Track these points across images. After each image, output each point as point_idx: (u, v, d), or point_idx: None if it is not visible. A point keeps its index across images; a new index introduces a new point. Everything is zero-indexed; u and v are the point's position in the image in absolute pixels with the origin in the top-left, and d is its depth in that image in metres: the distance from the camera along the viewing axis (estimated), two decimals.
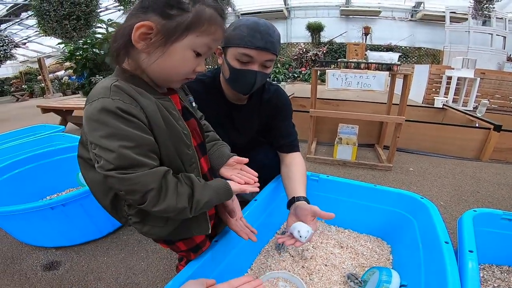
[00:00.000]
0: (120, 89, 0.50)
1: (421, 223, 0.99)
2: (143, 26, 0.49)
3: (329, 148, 2.62)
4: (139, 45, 0.50)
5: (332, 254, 1.09)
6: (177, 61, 0.53)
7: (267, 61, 0.93)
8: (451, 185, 1.89)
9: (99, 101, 0.48)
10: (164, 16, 0.50)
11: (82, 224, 1.25)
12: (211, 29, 0.54)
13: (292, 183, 1.04)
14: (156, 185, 0.52)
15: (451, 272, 0.69)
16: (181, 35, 0.51)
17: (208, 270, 0.79)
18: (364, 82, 1.88)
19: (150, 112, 0.53)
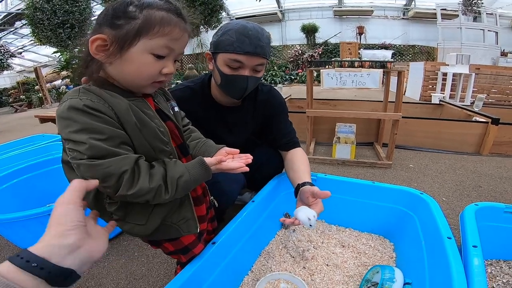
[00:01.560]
0: (88, 91, 0.53)
1: (422, 219, 0.98)
2: (97, 39, 0.52)
3: (328, 148, 2.60)
4: (98, 56, 0.53)
5: (334, 253, 1.07)
6: (138, 66, 0.55)
7: (257, 65, 0.93)
8: (453, 181, 1.88)
9: (68, 101, 0.51)
10: (114, 27, 0.52)
11: None
12: (164, 30, 0.54)
13: (296, 173, 1.03)
14: (129, 167, 0.52)
15: (456, 268, 0.67)
16: (133, 41, 0.53)
17: (206, 272, 0.78)
18: (359, 81, 1.88)
19: (120, 109, 0.54)
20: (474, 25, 7.16)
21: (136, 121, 0.56)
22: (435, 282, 0.74)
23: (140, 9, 0.53)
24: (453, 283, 0.64)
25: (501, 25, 7.20)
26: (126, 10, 0.53)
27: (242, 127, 1.13)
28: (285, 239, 1.16)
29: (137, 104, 0.59)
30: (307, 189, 0.93)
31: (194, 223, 0.70)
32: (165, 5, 0.55)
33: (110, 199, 0.61)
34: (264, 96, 1.12)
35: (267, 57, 0.95)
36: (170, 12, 0.55)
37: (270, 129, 1.15)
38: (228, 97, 1.02)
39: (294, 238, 1.13)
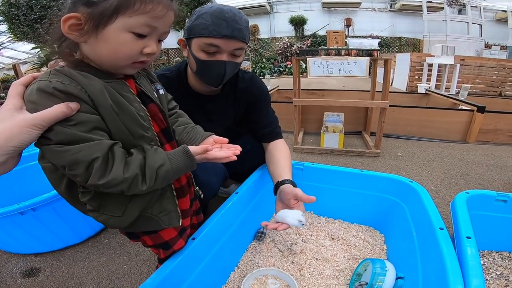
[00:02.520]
0: (60, 72, 0.48)
1: (413, 209, 0.95)
2: (70, 18, 0.47)
3: (316, 138, 2.59)
4: (71, 36, 0.48)
5: (323, 246, 1.04)
6: (115, 45, 0.50)
7: (236, 50, 0.87)
8: (441, 169, 1.89)
9: (36, 83, 0.46)
10: (89, 5, 0.47)
11: (58, 230, 1.18)
12: (146, 8, 0.49)
13: (277, 168, 1.00)
14: (101, 154, 0.48)
15: (450, 261, 0.63)
16: (110, 19, 0.48)
17: (187, 269, 0.73)
18: (346, 69, 1.86)
19: (93, 91, 0.49)
20: (459, 17, 7.29)
21: (112, 104, 0.51)
22: (429, 276, 0.71)
23: None
24: (448, 278, 0.60)
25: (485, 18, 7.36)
26: None
27: (222, 115, 1.08)
28: (273, 233, 1.12)
29: (115, 86, 0.54)
30: (288, 190, 0.89)
31: (176, 215, 0.65)
32: None
33: (83, 188, 0.55)
34: (245, 84, 1.07)
35: (246, 41, 0.89)
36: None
37: (251, 118, 1.11)
38: (206, 85, 0.97)
39: (282, 231, 1.09)
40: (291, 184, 0.92)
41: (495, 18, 9.02)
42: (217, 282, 0.89)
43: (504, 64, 4.87)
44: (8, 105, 0.45)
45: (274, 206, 0.94)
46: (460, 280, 0.58)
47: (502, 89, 4.84)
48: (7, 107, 0.45)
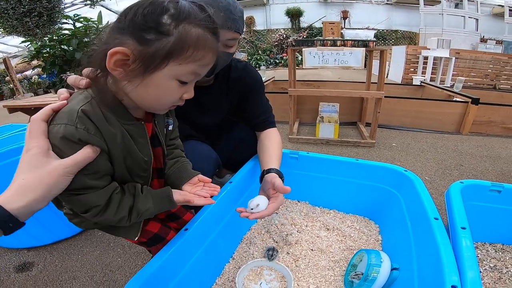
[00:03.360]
0: (86, 116, 0.46)
1: (407, 199, 0.94)
2: (118, 53, 0.43)
3: (311, 128, 2.60)
4: (116, 72, 0.45)
5: (319, 237, 1.03)
6: (159, 91, 0.49)
7: (229, 40, 0.85)
8: (435, 159, 1.90)
9: (63, 128, 0.45)
10: (141, 41, 0.44)
11: (50, 223, 1.16)
12: (197, 55, 0.47)
13: (265, 156, 0.98)
14: (103, 202, 0.52)
15: (445, 252, 0.62)
16: (160, 64, 0.45)
17: (180, 261, 0.72)
18: (341, 59, 1.85)
19: (113, 143, 0.50)
20: (456, 11, 7.28)
21: (125, 154, 0.54)
22: (424, 267, 0.70)
23: (176, 22, 0.44)
24: (443, 269, 0.58)
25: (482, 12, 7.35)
26: (159, 21, 0.44)
27: (216, 107, 1.06)
28: (268, 223, 1.11)
29: (133, 129, 0.55)
30: (269, 179, 0.87)
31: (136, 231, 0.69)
32: (203, 19, 0.47)
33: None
34: (238, 73, 1.04)
35: (240, 32, 0.86)
36: (208, 30, 0.48)
37: (245, 108, 1.08)
38: None
39: (277, 222, 1.09)
40: (277, 173, 0.89)
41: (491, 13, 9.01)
42: (211, 273, 0.89)
43: (499, 58, 4.91)
44: (34, 148, 0.44)
45: None
46: (456, 272, 0.57)
47: (496, 83, 4.88)
48: (34, 150, 0.44)
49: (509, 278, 0.89)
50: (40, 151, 0.44)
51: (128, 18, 0.44)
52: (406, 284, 0.73)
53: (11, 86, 7.13)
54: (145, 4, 0.44)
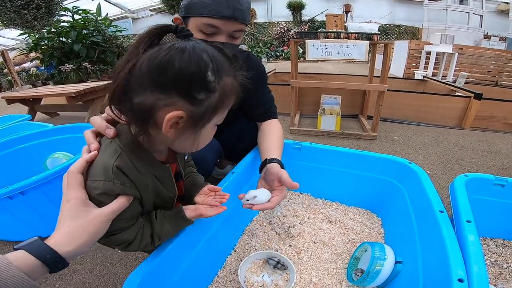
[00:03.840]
0: (121, 171, 0.50)
1: (412, 191, 0.93)
2: (173, 118, 0.44)
3: (313, 120, 2.59)
4: (169, 133, 0.47)
5: (321, 229, 1.03)
6: (203, 139, 0.53)
7: (235, 32, 0.83)
8: (436, 153, 1.89)
9: (102, 184, 0.49)
10: (192, 102, 0.45)
11: (49, 215, 1.13)
12: (229, 102, 0.51)
13: (266, 146, 0.96)
14: (132, 238, 0.56)
15: (451, 246, 0.61)
16: (209, 119, 0.48)
17: (181, 253, 0.71)
18: (345, 52, 1.82)
19: (145, 191, 0.55)
20: (460, 7, 7.22)
21: (155, 196, 0.59)
22: (429, 260, 0.69)
23: (218, 77, 0.46)
24: (449, 263, 0.57)
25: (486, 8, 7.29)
26: (205, 80, 0.44)
27: None
28: (270, 215, 1.11)
29: (161, 174, 0.59)
30: (274, 170, 0.85)
31: None
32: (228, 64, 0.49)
33: None
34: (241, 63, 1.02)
35: (247, 23, 0.84)
36: (233, 75, 0.50)
37: (246, 98, 1.06)
38: None
39: (279, 213, 1.08)
40: (279, 164, 0.88)
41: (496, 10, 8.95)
42: (213, 266, 0.88)
43: (502, 55, 4.89)
44: (72, 199, 0.48)
45: None
46: (462, 265, 0.57)
47: (499, 79, 4.86)
48: (74, 201, 0.48)
49: (509, 273, 0.89)
50: (79, 201, 0.48)
51: (171, 76, 0.43)
52: (411, 278, 0.72)
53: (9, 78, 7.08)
54: (185, 56, 0.43)
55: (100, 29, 5.98)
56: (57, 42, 5.61)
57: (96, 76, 5.76)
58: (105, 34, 6.07)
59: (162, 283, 0.65)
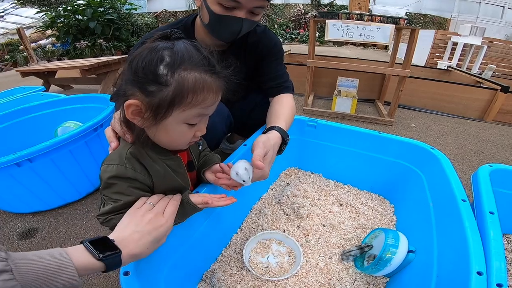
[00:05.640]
0: (134, 157, 0.55)
1: (431, 178, 0.87)
2: (131, 105, 0.49)
3: (326, 102, 2.54)
4: (135, 121, 0.51)
5: (331, 212, 0.99)
6: (172, 135, 0.54)
7: (256, 8, 0.77)
8: (454, 144, 1.82)
9: (115, 168, 0.54)
10: (146, 94, 0.48)
11: (57, 185, 1.13)
12: (198, 99, 0.49)
13: (271, 117, 0.90)
14: None
15: (472, 237, 0.57)
16: (166, 113, 0.49)
17: (186, 232, 0.69)
18: (367, 34, 1.73)
19: (157, 176, 0.58)
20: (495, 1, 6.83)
21: (169, 184, 0.61)
22: (445, 251, 0.64)
23: (171, 71, 0.46)
24: (470, 256, 0.53)
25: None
26: (156, 73, 0.46)
27: None
28: (279, 194, 1.07)
29: (173, 164, 0.61)
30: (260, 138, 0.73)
31: None
32: (198, 60, 0.49)
33: None
34: (256, 38, 0.97)
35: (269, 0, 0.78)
36: (204, 71, 0.49)
37: (260, 71, 1.01)
38: (215, 39, 0.87)
39: (289, 193, 1.04)
40: (280, 132, 0.79)
41: None
42: (218, 244, 0.86)
43: None
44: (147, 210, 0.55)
45: (283, 163, 0.87)
46: (482, 258, 0.53)
47: None
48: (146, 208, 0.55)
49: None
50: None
51: (130, 69, 0.48)
52: (423, 267, 0.68)
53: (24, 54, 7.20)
54: (144, 54, 0.47)
55: (116, 6, 5.96)
56: (73, 19, 5.66)
57: (110, 52, 5.80)
58: (120, 12, 6.06)
59: (165, 259, 0.64)
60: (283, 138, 0.80)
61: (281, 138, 0.79)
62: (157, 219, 0.53)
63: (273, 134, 0.78)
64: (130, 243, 0.48)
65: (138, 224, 0.51)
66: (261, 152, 0.67)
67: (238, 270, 0.80)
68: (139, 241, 0.49)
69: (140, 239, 0.49)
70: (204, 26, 0.85)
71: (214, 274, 0.77)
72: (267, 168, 0.69)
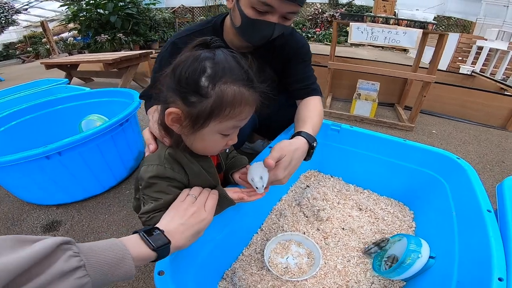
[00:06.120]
0: (172, 158, 0.59)
1: (456, 188, 0.87)
2: (172, 113, 0.51)
3: (344, 104, 2.52)
4: (174, 127, 0.54)
5: (350, 216, 0.99)
6: (206, 144, 0.56)
7: (289, 13, 0.77)
8: (476, 152, 1.77)
9: (155, 168, 0.58)
10: (187, 103, 0.50)
11: (82, 177, 1.17)
12: (234, 113, 0.51)
13: (299, 123, 0.88)
14: None
15: (496, 248, 0.57)
16: (204, 123, 0.51)
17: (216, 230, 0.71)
18: (393, 38, 1.70)
19: (193, 174, 0.62)
20: None
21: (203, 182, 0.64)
22: (467, 260, 0.65)
23: (213, 83, 0.48)
24: (492, 266, 0.54)
25: None
26: (198, 84, 0.48)
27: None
28: (299, 196, 1.08)
29: (204, 164, 0.64)
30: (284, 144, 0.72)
31: None
32: (238, 74, 0.50)
33: None
34: (283, 40, 0.96)
35: (302, 5, 0.77)
36: (243, 85, 0.50)
37: (287, 73, 1.01)
38: (243, 41, 0.88)
39: (309, 195, 1.05)
40: (305, 137, 0.77)
41: None
42: (239, 243, 0.88)
43: None
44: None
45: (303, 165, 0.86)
46: (504, 267, 0.54)
47: None
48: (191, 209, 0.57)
49: None
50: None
51: (175, 79, 0.50)
52: (443, 273, 0.69)
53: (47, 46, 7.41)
54: (188, 63, 0.48)
55: (135, 1, 6.05)
56: (95, 13, 5.77)
57: (128, 47, 5.91)
58: (139, 7, 6.15)
59: (195, 257, 0.66)
60: (309, 143, 0.78)
61: (307, 143, 0.77)
62: (200, 213, 0.55)
63: (298, 140, 0.76)
64: (176, 235, 0.50)
65: (183, 217, 0.53)
66: (276, 155, 0.66)
67: (258, 269, 0.81)
68: (183, 233, 0.51)
69: (185, 231, 0.52)
70: (234, 28, 0.86)
71: (235, 273, 0.78)
72: (281, 173, 0.66)
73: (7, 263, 0.28)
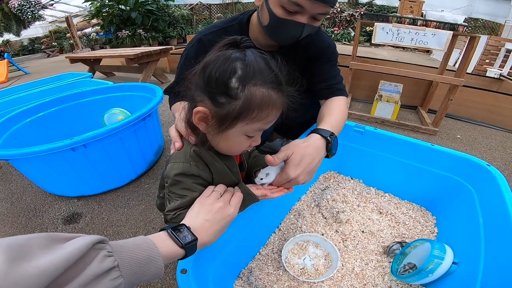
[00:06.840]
0: (197, 155, 0.59)
1: (484, 194, 0.83)
2: (199, 112, 0.51)
3: (364, 105, 2.46)
4: (200, 126, 0.54)
5: (370, 219, 0.97)
6: (231, 144, 0.57)
7: (319, 14, 0.74)
8: (502, 159, 1.69)
9: (181, 165, 0.58)
10: (215, 103, 0.50)
11: (104, 170, 1.20)
12: (262, 115, 0.51)
13: (318, 122, 0.86)
14: None
15: None
16: (231, 124, 0.51)
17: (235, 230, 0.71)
18: (420, 39, 1.64)
19: (217, 172, 0.62)
20: None
21: (227, 180, 0.64)
22: (492, 267, 0.63)
23: (242, 85, 0.48)
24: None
25: None
26: (228, 85, 0.48)
27: None
28: (318, 197, 1.07)
29: (228, 163, 0.64)
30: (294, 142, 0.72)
31: None
32: (267, 76, 0.50)
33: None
34: (309, 39, 0.94)
35: (333, 6, 0.75)
36: (272, 88, 0.50)
37: (313, 73, 0.99)
38: (270, 40, 0.87)
39: (329, 197, 1.03)
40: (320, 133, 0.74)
41: None
42: (256, 243, 0.87)
43: None
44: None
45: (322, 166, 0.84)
46: None
47: None
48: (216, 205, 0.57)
49: None
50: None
51: (205, 78, 0.49)
52: (466, 278, 0.68)
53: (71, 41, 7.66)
54: (218, 63, 0.48)
55: None
56: (117, 9, 5.91)
57: (148, 42, 6.02)
58: (159, 3, 6.24)
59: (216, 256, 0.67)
60: (325, 138, 0.74)
61: (322, 138, 0.73)
62: (226, 208, 0.55)
63: (310, 137, 0.73)
64: (201, 232, 0.50)
65: (209, 213, 0.53)
66: (281, 153, 0.67)
67: (275, 269, 0.81)
68: (209, 229, 0.51)
69: (210, 227, 0.52)
70: (261, 27, 0.84)
71: (251, 272, 0.79)
72: (291, 171, 0.65)
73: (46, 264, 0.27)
